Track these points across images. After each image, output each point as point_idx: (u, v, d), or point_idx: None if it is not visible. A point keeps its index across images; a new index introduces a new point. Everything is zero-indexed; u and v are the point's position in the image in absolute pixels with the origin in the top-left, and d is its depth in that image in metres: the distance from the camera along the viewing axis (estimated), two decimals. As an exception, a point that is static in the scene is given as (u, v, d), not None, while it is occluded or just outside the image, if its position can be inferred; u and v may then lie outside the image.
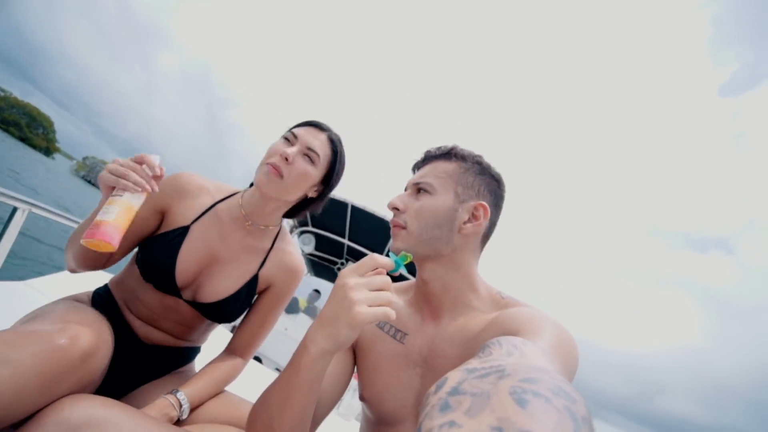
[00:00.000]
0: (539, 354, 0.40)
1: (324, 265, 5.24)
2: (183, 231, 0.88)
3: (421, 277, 0.74)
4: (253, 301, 0.99)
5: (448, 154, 0.75)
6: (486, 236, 0.74)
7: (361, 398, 0.78)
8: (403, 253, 0.66)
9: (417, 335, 0.74)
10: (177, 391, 0.79)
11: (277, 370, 3.58)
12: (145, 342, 0.91)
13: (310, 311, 4.59)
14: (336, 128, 0.96)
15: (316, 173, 0.90)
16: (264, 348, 3.57)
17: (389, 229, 0.76)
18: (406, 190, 0.78)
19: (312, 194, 0.94)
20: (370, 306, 0.51)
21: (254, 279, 0.94)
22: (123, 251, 0.88)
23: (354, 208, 3.52)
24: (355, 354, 0.80)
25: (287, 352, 3.51)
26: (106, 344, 0.71)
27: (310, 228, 4.16)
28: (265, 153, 0.90)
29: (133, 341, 0.90)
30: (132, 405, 0.83)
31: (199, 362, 1.04)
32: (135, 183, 0.70)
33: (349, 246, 4.21)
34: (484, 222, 0.71)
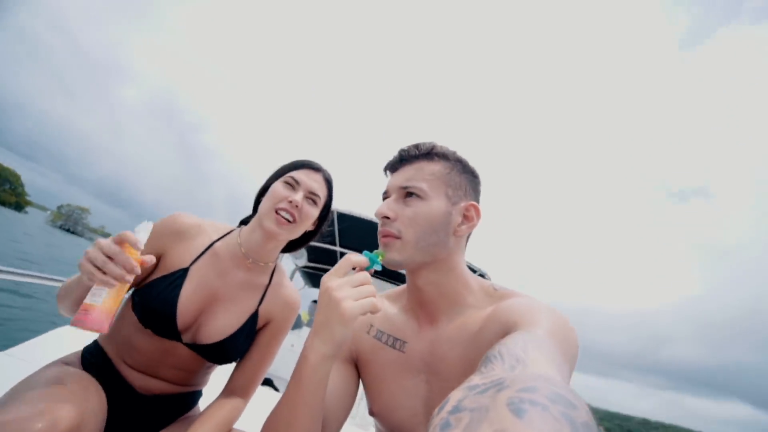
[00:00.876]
0: (543, 360, 0.39)
1: (319, 276, 5.21)
2: (183, 273, 0.88)
3: (415, 284, 0.72)
4: (254, 336, 0.99)
5: (430, 155, 0.72)
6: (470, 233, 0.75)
7: (371, 413, 0.77)
8: (376, 252, 0.65)
9: (416, 342, 0.73)
10: None
11: None
12: (144, 394, 0.90)
13: (312, 324, 4.57)
14: (325, 164, 1.03)
15: (317, 212, 0.98)
16: (274, 368, 3.54)
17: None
18: (385, 195, 0.75)
19: (310, 228, 1.00)
20: (356, 300, 0.54)
21: (254, 315, 0.95)
22: None
23: (340, 215, 3.50)
24: (358, 369, 0.79)
25: None
26: (93, 415, 0.70)
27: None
28: (267, 197, 0.93)
29: (131, 395, 0.88)
30: None
31: (204, 405, 1.03)
32: (114, 276, 0.67)
33: (341, 252, 4.20)
34: (477, 222, 0.71)
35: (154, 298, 0.85)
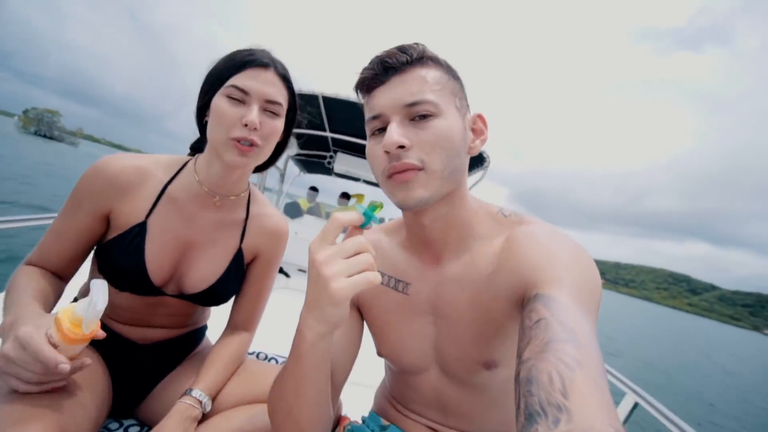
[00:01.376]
0: (585, 391, 0.36)
1: (313, 162, 5.24)
2: (140, 229, 0.78)
3: (419, 222, 0.64)
4: (244, 274, 0.95)
5: (423, 59, 0.59)
6: None
7: (379, 354, 0.76)
8: (371, 202, 0.53)
9: (420, 283, 0.68)
10: (191, 390, 0.78)
11: (301, 271, 3.93)
12: (144, 344, 0.87)
13: (312, 210, 4.79)
14: (265, 43, 0.81)
15: (282, 123, 0.81)
16: (285, 255, 3.90)
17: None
18: (377, 118, 0.59)
19: (279, 139, 0.85)
20: (349, 276, 0.46)
21: (239, 253, 0.89)
22: (73, 265, 0.80)
23: (326, 99, 3.33)
24: (361, 313, 0.76)
25: (303, 253, 3.81)
26: (82, 407, 0.64)
27: (288, 128, 4.02)
28: (214, 121, 0.75)
29: (132, 348, 0.85)
30: (154, 405, 0.86)
31: (212, 335, 1.05)
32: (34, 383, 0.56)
33: (333, 138, 4.13)
34: (487, 134, 0.62)
35: (118, 260, 0.76)
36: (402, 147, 0.56)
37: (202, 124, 0.84)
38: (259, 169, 0.89)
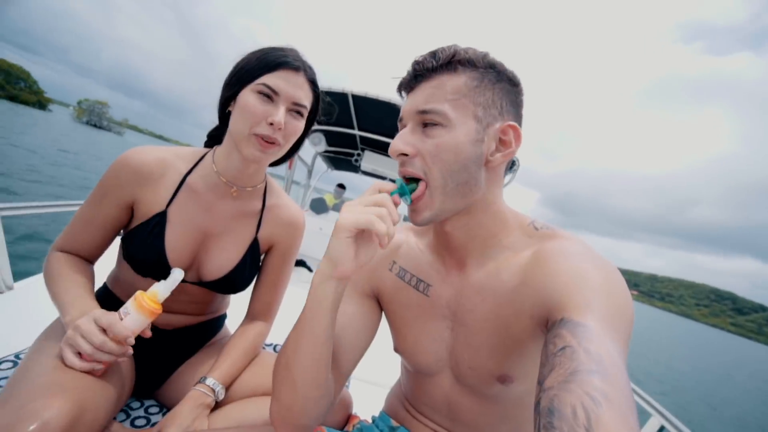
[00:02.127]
0: (612, 419, 0.34)
1: (340, 159, 5.29)
2: (160, 218, 0.81)
3: (442, 228, 0.64)
4: (260, 263, 0.97)
5: (451, 64, 0.57)
6: (512, 158, 0.62)
7: (396, 350, 0.76)
8: (411, 182, 0.57)
9: (442, 287, 0.67)
10: (205, 378, 0.81)
11: None
12: (166, 329, 0.90)
13: (338, 207, 4.85)
14: (297, 39, 0.83)
15: (303, 123, 0.84)
16: (303, 249, 3.96)
17: (398, 112, 0.64)
18: (400, 122, 0.62)
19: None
20: (356, 214, 0.51)
21: (255, 243, 0.91)
22: (99, 250, 0.85)
23: (355, 97, 3.35)
24: (381, 305, 0.76)
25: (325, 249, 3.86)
26: (103, 390, 0.66)
27: (316, 126, 4.09)
28: (240, 114, 0.77)
29: (154, 332, 0.85)
30: (173, 389, 0.89)
31: (231, 324, 1.08)
32: (102, 362, 0.66)
33: (361, 136, 4.15)
34: (516, 147, 0.58)
35: (139, 248, 0.80)
36: (405, 155, 0.58)
37: (224, 114, 0.86)
38: (274, 163, 0.93)
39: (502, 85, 0.58)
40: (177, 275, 0.74)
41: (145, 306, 0.69)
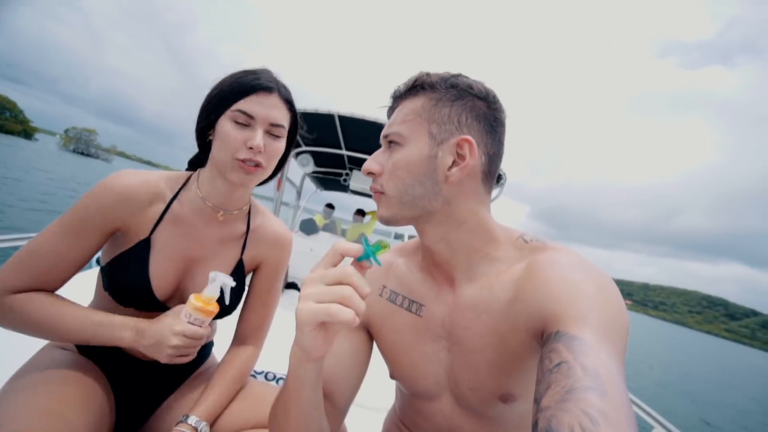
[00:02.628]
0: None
1: (329, 180, 5.29)
2: (144, 245, 0.78)
3: (423, 243, 0.66)
4: (246, 284, 0.95)
5: (414, 88, 0.62)
6: (488, 172, 0.62)
7: (392, 377, 0.74)
8: (378, 241, 0.52)
9: (435, 305, 0.66)
10: (187, 417, 0.77)
11: None
12: (148, 360, 0.85)
13: (328, 228, 4.81)
14: (281, 61, 0.83)
15: (284, 143, 0.85)
16: (294, 271, 3.88)
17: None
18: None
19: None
20: (316, 303, 0.44)
21: (240, 264, 0.90)
22: (62, 285, 0.77)
23: (342, 118, 3.39)
24: (371, 334, 0.74)
25: None
26: (95, 422, 0.68)
27: (304, 148, 4.10)
28: (220, 143, 0.77)
29: (136, 366, 0.84)
30: (158, 425, 0.85)
31: (218, 352, 1.03)
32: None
33: (349, 156, 4.18)
34: (471, 161, 0.58)
35: (122, 276, 0.77)
36: (372, 174, 0.63)
37: (204, 142, 0.86)
38: (261, 183, 0.92)
39: (464, 101, 0.60)
40: (225, 280, 0.75)
41: (206, 309, 0.74)
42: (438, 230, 0.62)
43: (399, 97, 0.64)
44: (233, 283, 0.76)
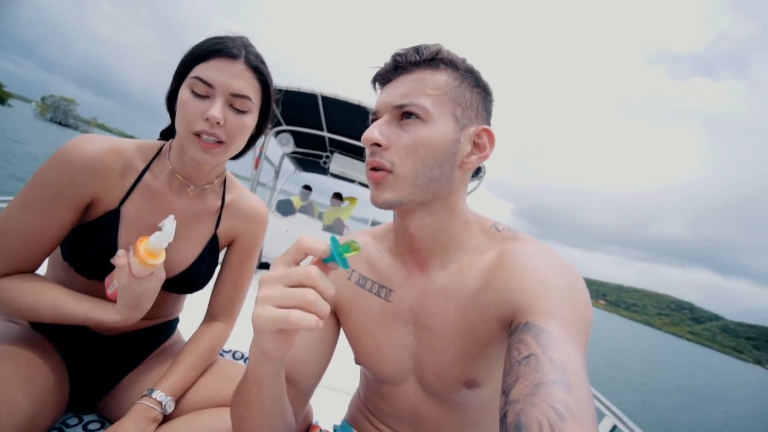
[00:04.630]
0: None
1: (309, 161, 5.24)
2: (113, 216, 0.74)
3: (406, 229, 0.62)
4: (220, 260, 0.92)
5: (434, 61, 0.57)
6: (479, 165, 0.62)
7: (357, 362, 0.73)
8: (348, 242, 0.44)
9: (404, 290, 0.65)
10: (152, 391, 0.74)
11: None
12: (108, 335, 0.81)
13: (305, 209, 4.76)
14: (242, 29, 0.78)
15: (253, 118, 0.77)
16: (269, 251, 3.86)
17: (368, 115, 0.62)
18: (374, 116, 0.60)
19: (252, 133, 0.81)
20: (275, 306, 0.40)
21: (214, 239, 0.87)
22: (41, 258, 0.72)
23: (325, 98, 3.33)
24: (338, 317, 0.72)
25: None
26: (41, 404, 0.64)
27: (284, 127, 4.02)
28: (178, 113, 0.71)
29: (91, 338, 0.80)
30: (118, 401, 0.82)
31: (183, 329, 1.01)
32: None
33: (330, 138, 4.13)
34: (490, 151, 0.58)
35: (88, 247, 0.72)
36: (378, 145, 0.56)
37: (172, 111, 0.80)
38: (233, 158, 0.86)
39: (478, 90, 0.59)
40: (170, 226, 0.67)
41: (146, 261, 0.67)
42: (429, 218, 0.60)
43: (414, 64, 0.57)
44: (171, 238, 0.69)
